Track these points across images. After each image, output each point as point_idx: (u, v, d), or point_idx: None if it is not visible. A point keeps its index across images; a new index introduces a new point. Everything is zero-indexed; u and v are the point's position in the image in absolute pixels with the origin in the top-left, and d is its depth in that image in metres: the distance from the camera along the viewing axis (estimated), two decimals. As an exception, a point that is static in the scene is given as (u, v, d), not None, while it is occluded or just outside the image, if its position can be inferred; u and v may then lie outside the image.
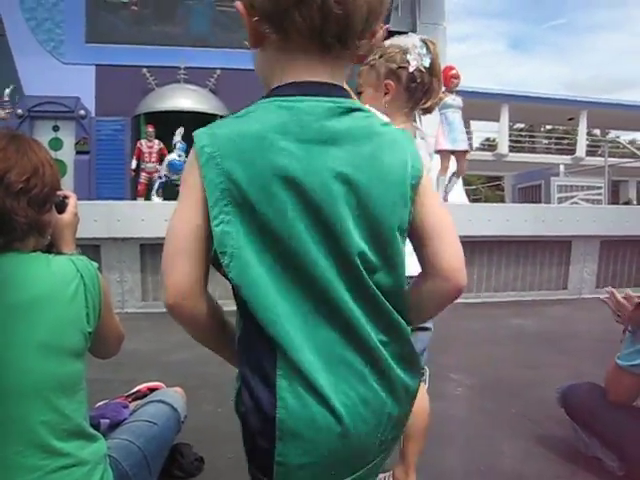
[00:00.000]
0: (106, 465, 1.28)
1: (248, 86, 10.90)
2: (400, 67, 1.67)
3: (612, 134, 30.79)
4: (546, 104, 25.03)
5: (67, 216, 1.43)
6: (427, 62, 1.68)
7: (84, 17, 10.73)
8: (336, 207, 0.80)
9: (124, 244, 5.52)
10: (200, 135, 0.81)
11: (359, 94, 1.73)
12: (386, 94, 1.69)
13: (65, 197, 1.44)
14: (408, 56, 1.67)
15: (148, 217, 5.42)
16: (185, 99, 10.20)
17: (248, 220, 0.79)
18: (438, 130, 7.02)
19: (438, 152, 7.15)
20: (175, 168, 8.59)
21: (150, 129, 9.42)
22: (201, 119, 9.82)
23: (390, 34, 1.21)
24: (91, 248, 5.25)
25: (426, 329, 1.68)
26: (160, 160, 9.32)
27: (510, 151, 26.28)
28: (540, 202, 10.85)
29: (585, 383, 2.11)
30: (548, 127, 33.43)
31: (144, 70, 10.48)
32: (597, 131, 32.10)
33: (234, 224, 0.78)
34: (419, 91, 1.70)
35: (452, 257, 0.91)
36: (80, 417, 1.21)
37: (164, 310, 0.87)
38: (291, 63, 0.84)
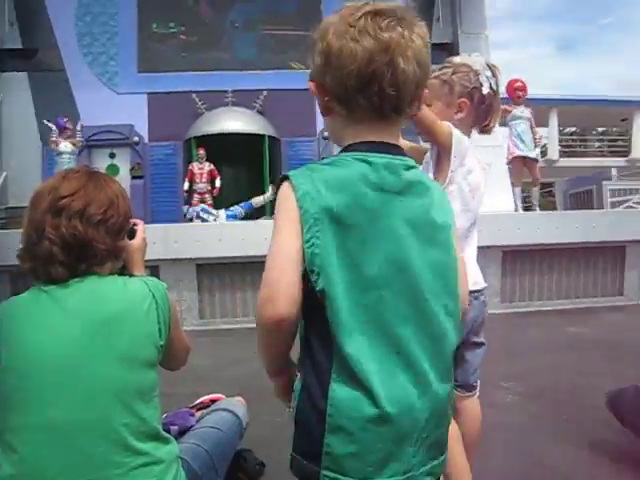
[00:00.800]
0: (179, 465, 1.42)
1: (294, 106, 11.22)
2: (474, 87, 1.77)
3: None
4: (597, 106, 24.36)
5: (137, 241, 1.60)
6: (495, 85, 1.79)
7: (136, 48, 11.23)
8: (403, 245, 0.99)
9: (181, 264, 5.76)
10: (297, 176, 0.99)
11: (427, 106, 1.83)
12: (458, 112, 1.77)
13: (135, 224, 1.60)
14: (481, 77, 1.77)
15: (203, 238, 5.64)
16: (233, 121, 10.48)
17: (335, 244, 0.95)
18: (509, 142, 7.32)
19: (510, 163, 7.42)
20: (228, 217, 8.96)
21: (201, 152, 9.71)
22: (250, 140, 10.16)
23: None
24: (151, 269, 5.49)
25: (482, 344, 1.77)
26: (211, 181, 9.61)
27: (561, 156, 25.67)
28: (592, 207, 10.61)
29: (632, 386, 2.12)
30: (600, 129, 32.48)
31: (193, 95, 10.84)
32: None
33: (323, 247, 0.94)
34: (484, 112, 1.81)
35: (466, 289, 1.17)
36: (155, 421, 1.36)
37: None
38: (359, 128, 1.04)
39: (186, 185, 9.75)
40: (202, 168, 9.70)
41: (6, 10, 10.82)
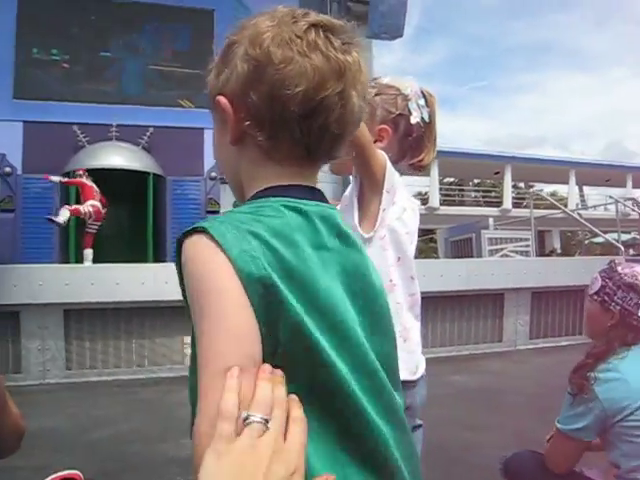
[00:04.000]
0: None
1: (181, 144, 10.96)
2: (400, 114, 1.51)
3: (536, 187, 32.46)
4: (474, 159, 26.25)
5: None
6: (426, 116, 1.53)
7: (12, 73, 10.49)
8: (343, 307, 0.76)
9: (46, 310, 5.21)
10: (217, 228, 0.70)
11: None
12: (378, 141, 1.48)
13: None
14: (410, 104, 1.51)
15: (73, 281, 5.16)
16: (117, 156, 10.00)
17: (306, 306, 0.70)
18: None
19: None
20: None
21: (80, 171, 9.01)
22: (133, 177, 9.70)
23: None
24: (10, 315, 4.94)
25: (421, 426, 1.50)
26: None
27: (441, 204, 27.21)
28: (472, 255, 11.12)
29: (525, 451, 2.05)
30: (476, 181, 34.89)
31: (74, 127, 10.25)
32: (522, 184, 33.77)
33: (279, 325, 0.68)
34: (411, 146, 1.54)
35: None
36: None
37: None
38: (281, 167, 0.79)
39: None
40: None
41: None
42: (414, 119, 1.51)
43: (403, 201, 1.46)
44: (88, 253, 8.59)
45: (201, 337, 0.66)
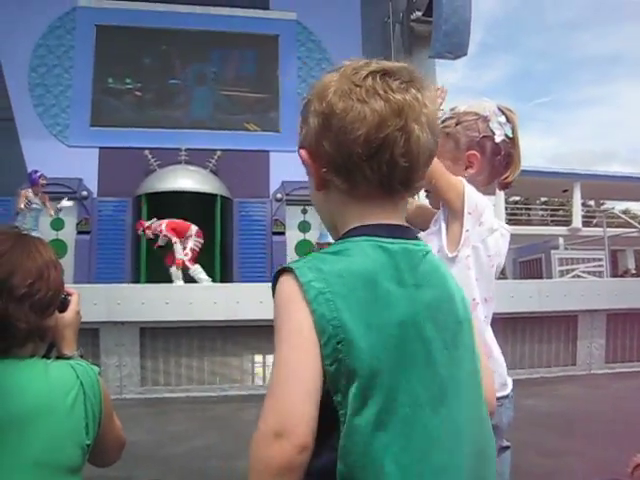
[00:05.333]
0: None
1: (247, 167, 11.15)
2: (484, 136, 1.53)
3: (607, 204, 31.21)
4: (541, 177, 25.50)
5: (69, 315, 1.37)
6: (509, 131, 1.54)
7: (89, 102, 11.05)
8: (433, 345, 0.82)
9: (123, 328, 5.42)
10: (302, 269, 0.80)
11: None
12: (468, 167, 1.52)
13: (68, 294, 1.38)
14: (491, 124, 1.53)
15: (148, 300, 5.35)
16: (186, 179, 10.31)
17: (362, 358, 0.76)
18: None
19: None
20: None
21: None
22: (202, 199, 9.99)
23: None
24: (90, 332, 5.15)
25: (509, 447, 1.54)
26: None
27: (507, 223, 26.51)
28: (541, 276, 10.79)
29: (612, 480, 1.98)
30: (543, 199, 33.89)
31: (146, 152, 10.65)
32: (592, 202, 32.54)
33: (348, 364, 0.75)
34: (501, 164, 1.56)
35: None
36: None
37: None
38: (363, 206, 0.88)
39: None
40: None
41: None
42: (498, 137, 1.53)
43: (492, 222, 1.49)
44: (176, 272, 8.49)
45: (273, 364, 0.78)
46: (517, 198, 33.38)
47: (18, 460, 1.04)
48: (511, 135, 1.54)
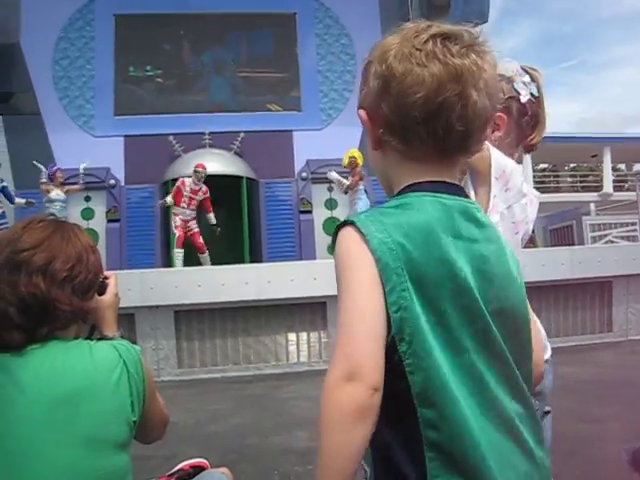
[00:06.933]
0: None
1: (271, 147, 11.12)
2: (509, 97, 1.49)
3: (638, 167, 30.42)
4: (568, 142, 24.94)
5: (108, 297, 1.41)
6: (535, 91, 1.51)
7: (113, 92, 11.16)
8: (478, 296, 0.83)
9: (158, 312, 5.53)
10: (364, 221, 0.83)
11: None
12: (494, 130, 1.46)
13: (105, 277, 1.42)
14: (515, 85, 1.50)
15: (181, 284, 5.44)
16: (211, 163, 10.32)
17: (427, 305, 0.79)
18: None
19: None
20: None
21: (200, 168, 8.92)
22: (228, 182, 10.04)
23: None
24: (126, 317, 5.26)
25: (549, 412, 1.54)
26: (198, 212, 8.91)
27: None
28: (573, 243, 10.63)
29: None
30: (572, 165, 33.18)
31: (170, 138, 10.73)
32: (622, 166, 31.73)
33: (412, 310, 0.78)
34: (529, 125, 1.53)
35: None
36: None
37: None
38: (417, 167, 0.90)
39: (169, 199, 8.95)
40: (196, 191, 8.92)
41: (-21, 55, 10.72)
42: (524, 97, 1.50)
43: (520, 187, 1.45)
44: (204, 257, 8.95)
45: (338, 312, 0.80)
46: (545, 165, 32.77)
47: (69, 437, 1.08)
48: (537, 94, 1.51)
